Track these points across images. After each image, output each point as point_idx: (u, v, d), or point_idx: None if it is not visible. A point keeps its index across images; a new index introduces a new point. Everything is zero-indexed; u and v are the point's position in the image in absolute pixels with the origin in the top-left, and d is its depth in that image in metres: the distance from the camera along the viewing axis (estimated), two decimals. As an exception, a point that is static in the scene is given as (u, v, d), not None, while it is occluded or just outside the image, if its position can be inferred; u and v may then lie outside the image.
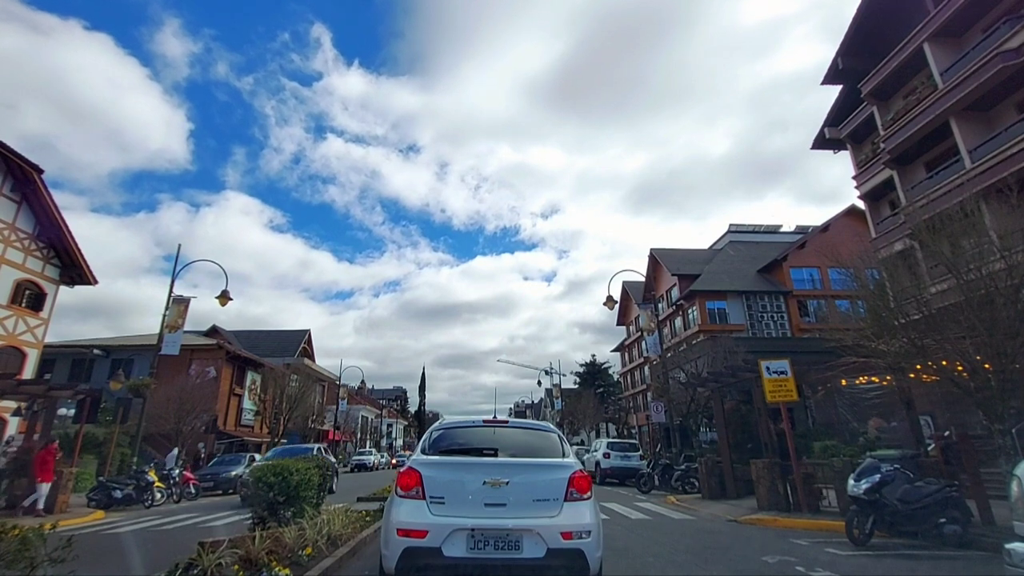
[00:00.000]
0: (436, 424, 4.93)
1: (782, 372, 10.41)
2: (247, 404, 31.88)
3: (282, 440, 31.50)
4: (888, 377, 15.73)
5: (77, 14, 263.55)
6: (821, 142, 24.24)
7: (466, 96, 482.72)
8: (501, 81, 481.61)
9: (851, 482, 7.26)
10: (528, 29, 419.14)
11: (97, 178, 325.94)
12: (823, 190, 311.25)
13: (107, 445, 17.23)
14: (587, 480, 4.09)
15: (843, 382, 19.36)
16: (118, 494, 13.85)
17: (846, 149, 23.69)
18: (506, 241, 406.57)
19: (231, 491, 18.58)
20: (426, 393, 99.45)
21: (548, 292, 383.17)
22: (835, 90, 23.55)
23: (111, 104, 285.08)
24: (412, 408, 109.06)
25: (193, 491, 16.62)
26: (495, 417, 5.00)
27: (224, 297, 18.50)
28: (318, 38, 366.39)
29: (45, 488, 12.42)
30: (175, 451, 20.73)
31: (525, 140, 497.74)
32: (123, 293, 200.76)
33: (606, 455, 20.80)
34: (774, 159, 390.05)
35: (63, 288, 21.13)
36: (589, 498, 4.03)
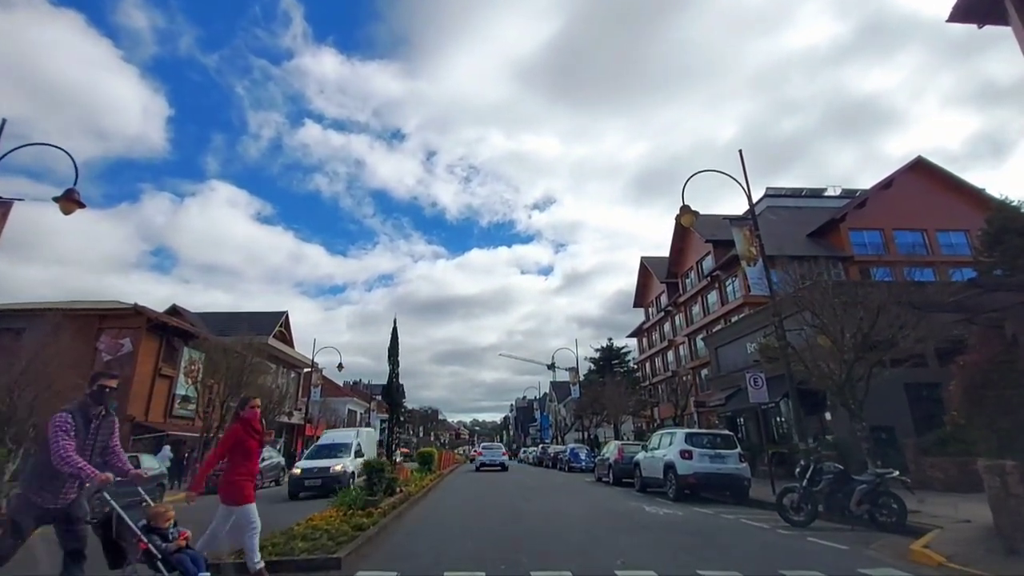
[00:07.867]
0: (484, 444, 53.04)
1: None
2: (182, 389, 24.78)
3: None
4: None
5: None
6: (967, 7, 17.02)
7: (452, 81, 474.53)
8: (489, 65, 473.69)
9: None
10: (517, 9, 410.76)
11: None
12: (833, 177, 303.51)
13: None
14: (506, 453, 38.35)
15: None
16: None
17: (997, 23, 16.51)
18: (501, 234, 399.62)
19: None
20: (401, 368, 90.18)
21: (546, 286, 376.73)
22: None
23: (85, 88, 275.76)
24: (411, 405, 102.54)
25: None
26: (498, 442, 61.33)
27: (69, 201, 11.51)
28: (287, 11, 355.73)
29: None
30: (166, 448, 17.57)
31: (517, 128, 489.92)
32: (112, 289, 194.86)
33: (685, 454, 12.98)
34: (783, 144, 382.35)
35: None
36: (506, 455, 37.37)
